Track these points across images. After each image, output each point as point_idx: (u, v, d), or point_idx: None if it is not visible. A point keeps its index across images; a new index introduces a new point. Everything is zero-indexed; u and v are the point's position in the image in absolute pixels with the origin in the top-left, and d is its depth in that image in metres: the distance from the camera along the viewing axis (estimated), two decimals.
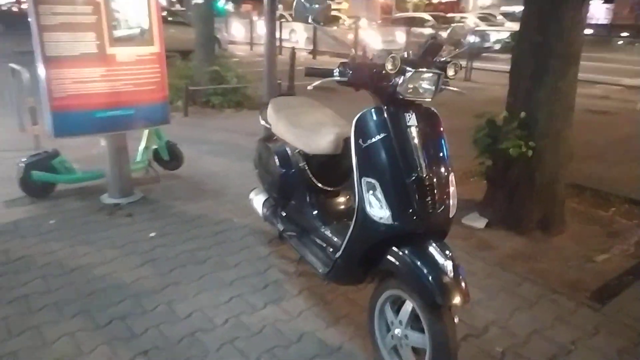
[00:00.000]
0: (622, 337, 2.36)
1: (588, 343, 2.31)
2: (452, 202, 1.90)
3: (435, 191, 1.83)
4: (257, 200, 3.01)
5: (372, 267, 2.01)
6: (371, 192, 1.86)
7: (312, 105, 2.93)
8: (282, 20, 17.30)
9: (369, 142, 1.88)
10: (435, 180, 1.84)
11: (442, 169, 1.89)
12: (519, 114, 3.47)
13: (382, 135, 1.85)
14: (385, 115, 1.87)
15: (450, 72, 1.88)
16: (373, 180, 1.85)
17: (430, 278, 1.70)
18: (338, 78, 1.94)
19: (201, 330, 2.28)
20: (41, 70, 3.16)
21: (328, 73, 1.98)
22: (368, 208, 1.87)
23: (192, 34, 7.93)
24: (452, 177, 1.92)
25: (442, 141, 1.96)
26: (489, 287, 2.76)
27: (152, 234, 3.19)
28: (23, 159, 3.58)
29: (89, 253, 2.93)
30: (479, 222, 3.69)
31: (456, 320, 1.84)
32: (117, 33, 3.31)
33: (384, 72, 1.80)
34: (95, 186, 3.82)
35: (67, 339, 2.18)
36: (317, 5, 1.97)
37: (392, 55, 1.77)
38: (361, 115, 1.94)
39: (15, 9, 23.58)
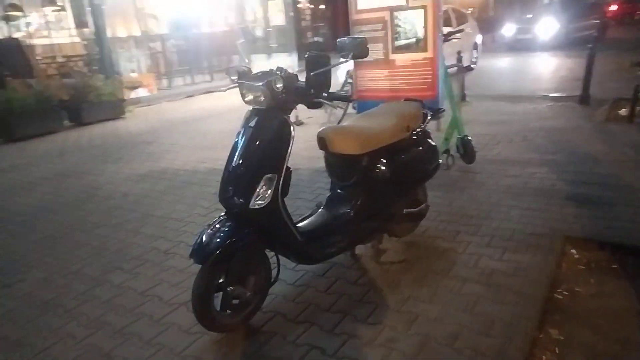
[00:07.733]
0: None
1: None
2: (256, 195, 2.21)
3: (238, 182, 2.24)
4: None
5: None
6: None
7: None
8: None
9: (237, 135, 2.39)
10: (240, 174, 2.24)
11: (252, 167, 2.23)
12: None
13: (239, 131, 2.37)
14: (247, 116, 2.39)
15: (275, 86, 2.17)
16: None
17: (197, 239, 2.23)
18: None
19: None
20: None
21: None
22: None
23: None
24: (269, 176, 2.22)
25: (275, 145, 2.25)
26: None
27: None
28: None
29: None
30: None
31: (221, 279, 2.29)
32: (398, 43, 4.34)
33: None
34: None
35: None
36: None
37: (233, 68, 2.33)
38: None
39: None
